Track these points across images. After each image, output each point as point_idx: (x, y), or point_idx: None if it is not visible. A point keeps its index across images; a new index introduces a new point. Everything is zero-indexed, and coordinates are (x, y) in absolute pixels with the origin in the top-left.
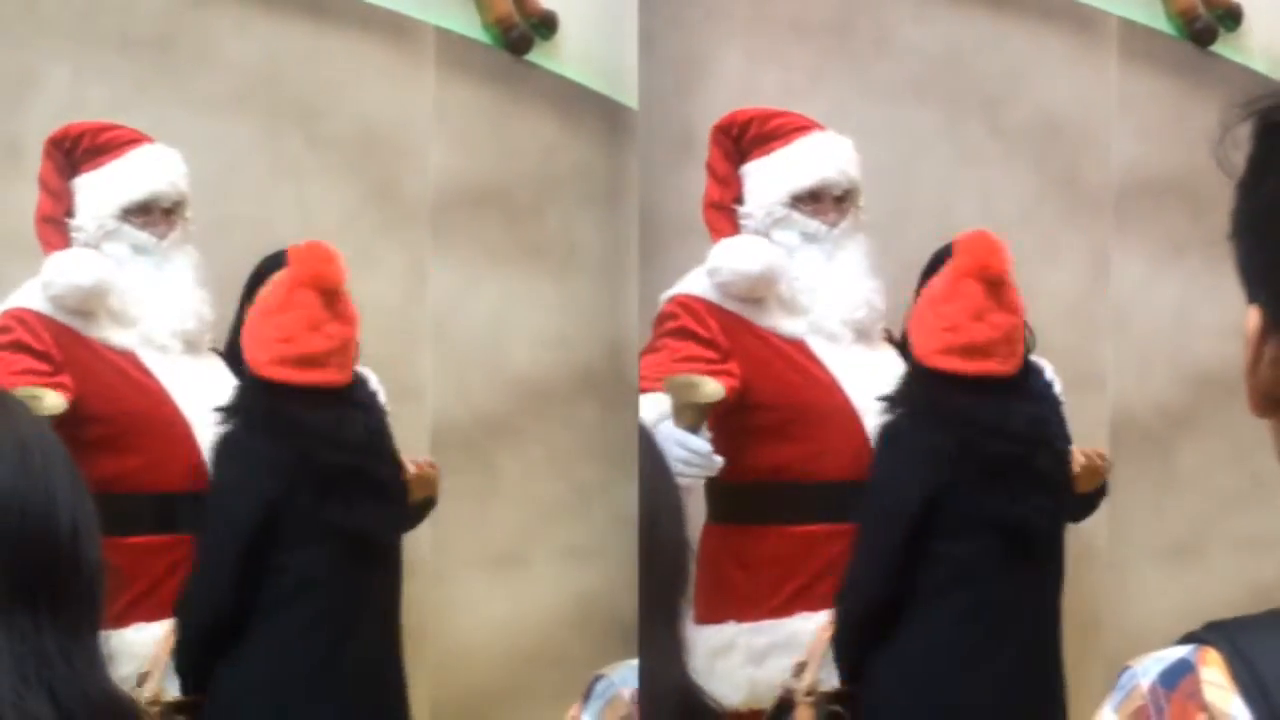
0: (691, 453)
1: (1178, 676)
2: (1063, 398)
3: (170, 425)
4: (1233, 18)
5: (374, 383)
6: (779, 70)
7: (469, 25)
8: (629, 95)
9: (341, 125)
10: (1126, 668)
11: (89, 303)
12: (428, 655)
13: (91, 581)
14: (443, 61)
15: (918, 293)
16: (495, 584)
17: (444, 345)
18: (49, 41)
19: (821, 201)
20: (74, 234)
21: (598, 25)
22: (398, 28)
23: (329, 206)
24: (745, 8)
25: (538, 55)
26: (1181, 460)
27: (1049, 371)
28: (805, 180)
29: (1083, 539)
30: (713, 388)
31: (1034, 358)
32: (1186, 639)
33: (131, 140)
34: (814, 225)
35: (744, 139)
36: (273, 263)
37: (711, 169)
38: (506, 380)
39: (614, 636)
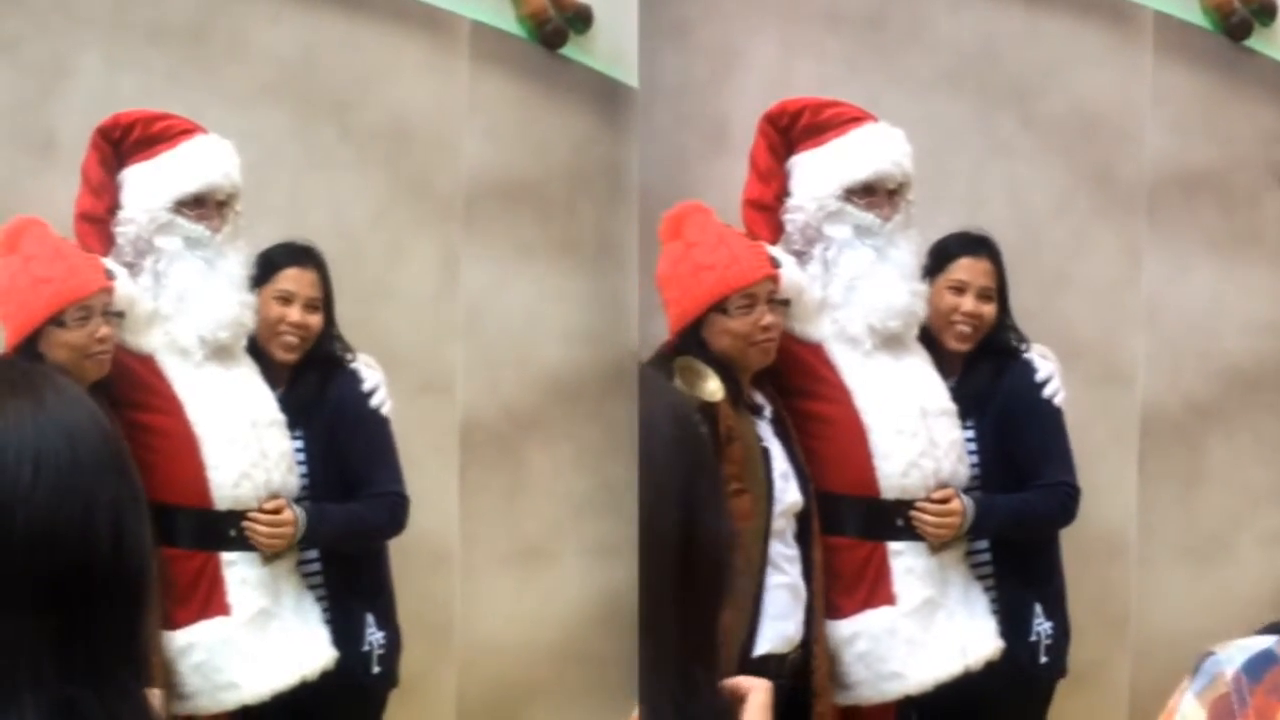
0: None
1: (1263, 668)
2: (1060, 399)
3: (175, 436)
4: (1267, 12)
5: (374, 378)
6: (814, 61)
7: (503, 18)
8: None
9: (375, 118)
10: (1210, 653)
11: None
12: (455, 649)
13: (132, 595)
14: (477, 55)
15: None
16: (523, 579)
17: (475, 339)
18: (82, 32)
19: (876, 194)
20: (122, 227)
21: (631, 19)
22: (432, 20)
23: (361, 199)
24: None
25: (573, 49)
26: (1211, 455)
27: (1043, 372)
28: (860, 172)
29: (1111, 534)
30: (715, 386)
31: (1033, 355)
32: (1271, 629)
33: (185, 130)
34: (868, 219)
35: (794, 129)
36: (277, 252)
37: (753, 163)
38: (537, 375)
39: None
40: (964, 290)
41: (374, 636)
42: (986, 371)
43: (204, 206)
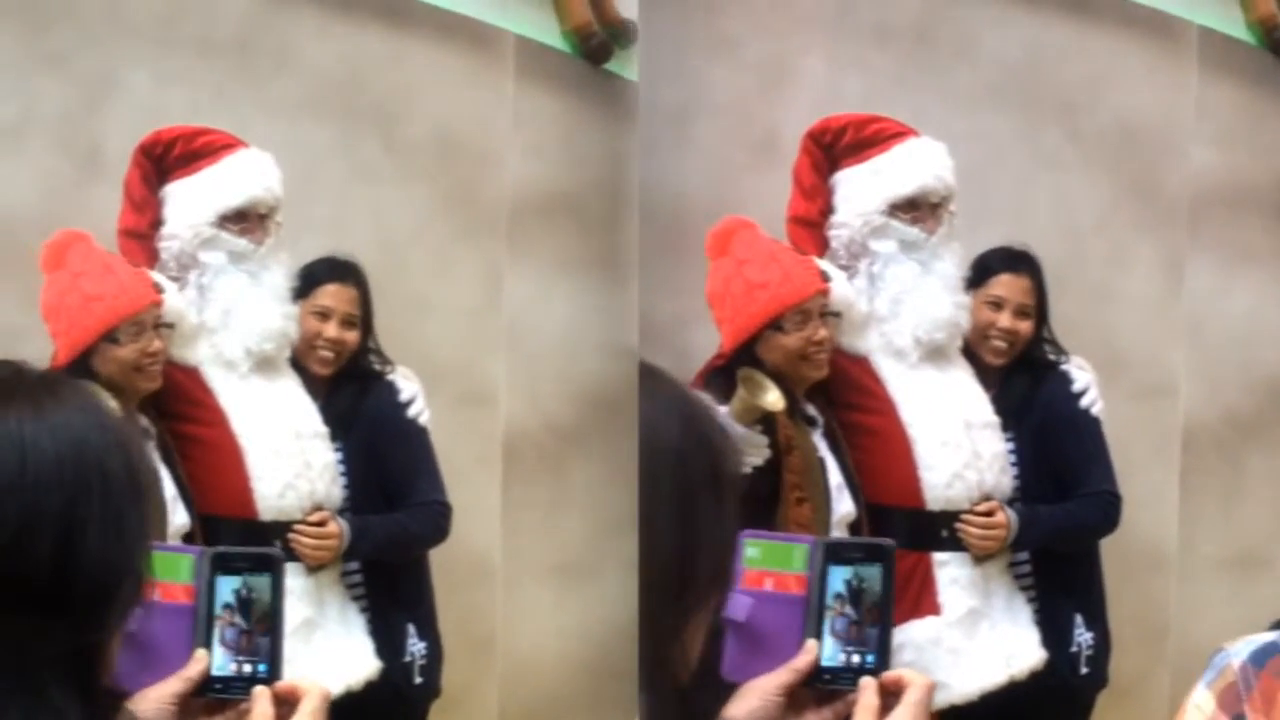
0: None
1: (1267, 655)
2: (1098, 409)
3: (220, 448)
4: None
5: (411, 389)
6: (861, 76)
7: (548, 33)
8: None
9: (419, 131)
10: (1220, 650)
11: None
12: (495, 662)
13: (80, 615)
14: (521, 69)
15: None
16: (564, 593)
17: (517, 352)
18: (130, 45)
19: (920, 209)
20: (165, 243)
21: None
22: (477, 34)
23: (405, 212)
24: (829, 13)
25: (617, 64)
26: (1252, 469)
27: (1079, 382)
28: (905, 188)
29: (1152, 546)
30: (775, 397)
31: (1069, 367)
32: (1278, 625)
33: (226, 145)
34: (913, 233)
35: (837, 146)
36: (318, 268)
37: (797, 180)
38: (579, 389)
39: None
40: (1002, 306)
41: (415, 647)
42: (1024, 383)
43: (246, 220)
